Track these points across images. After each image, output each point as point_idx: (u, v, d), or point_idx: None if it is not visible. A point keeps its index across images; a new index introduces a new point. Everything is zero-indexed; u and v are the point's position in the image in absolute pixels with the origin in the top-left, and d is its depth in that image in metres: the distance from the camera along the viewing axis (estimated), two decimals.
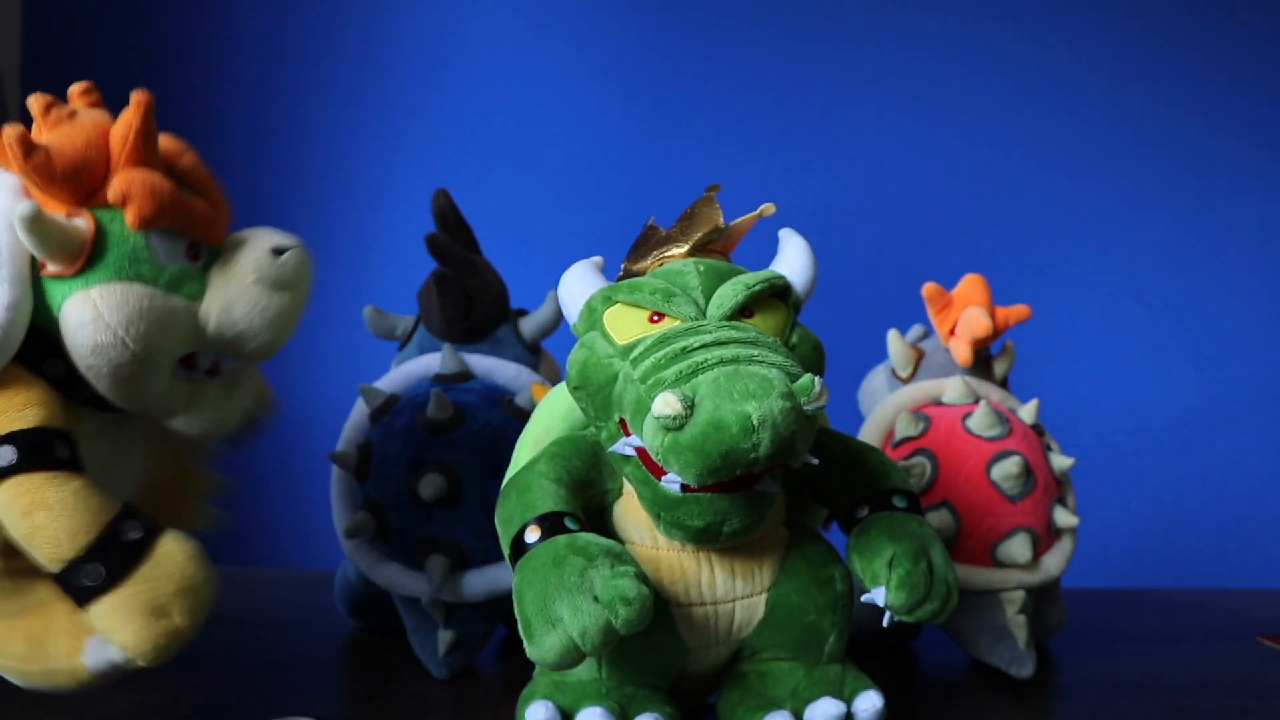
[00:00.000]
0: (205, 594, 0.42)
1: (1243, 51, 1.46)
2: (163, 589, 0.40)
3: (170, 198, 0.44)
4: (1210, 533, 1.45)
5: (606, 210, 1.42)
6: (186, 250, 0.45)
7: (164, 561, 0.41)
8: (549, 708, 0.47)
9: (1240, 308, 1.47)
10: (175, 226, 0.44)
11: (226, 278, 0.45)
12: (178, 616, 0.40)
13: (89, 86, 0.47)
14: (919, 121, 1.46)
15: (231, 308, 0.45)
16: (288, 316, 0.46)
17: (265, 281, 0.45)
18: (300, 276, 0.47)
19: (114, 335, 0.41)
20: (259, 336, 0.45)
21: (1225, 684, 0.66)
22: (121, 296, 0.42)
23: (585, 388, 0.49)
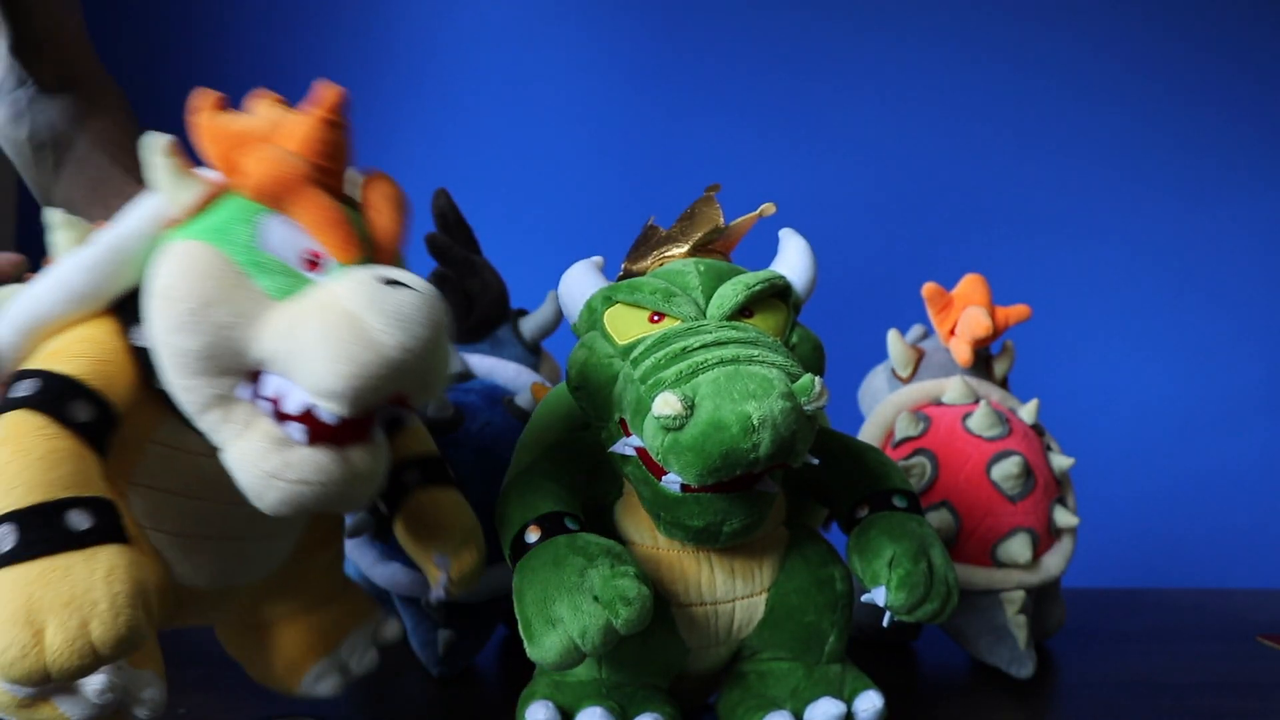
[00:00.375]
0: (103, 630, 0.33)
1: (1244, 52, 1.46)
2: (51, 594, 0.33)
3: (297, 181, 0.39)
4: (1210, 533, 1.45)
5: (607, 210, 1.42)
6: (304, 253, 0.39)
7: (80, 567, 0.33)
8: (549, 708, 0.47)
9: (1240, 308, 1.47)
10: (299, 219, 0.39)
11: (318, 291, 0.38)
12: (50, 634, 0.32)
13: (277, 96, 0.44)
14: (919, 122, 1.46)
15: (302, 322, 0.36)
16: (368, 366, 0.35)
17: (356, 310, 0.36)
18: (411, 330, 0.36)
19: (172, 289, 0.37)
20: (322, 377, 0.36)
21: (1225, 684, 0.66)
22: (192, 253, 0.37)
23: (585, 388, 0.49)
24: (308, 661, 0.51)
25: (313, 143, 0.40)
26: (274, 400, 0.38)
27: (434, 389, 0.40)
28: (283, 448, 0.37)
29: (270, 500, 0.38)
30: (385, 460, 0.42)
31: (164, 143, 0.40)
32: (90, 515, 0.35)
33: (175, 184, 0.40)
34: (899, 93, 1.46)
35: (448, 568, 0.49)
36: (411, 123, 1.44)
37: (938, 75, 1.46)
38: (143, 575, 0.35)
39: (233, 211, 0.39)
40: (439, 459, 0.52)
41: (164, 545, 0.43)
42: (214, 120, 0.41)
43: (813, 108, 1.46)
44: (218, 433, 0.38)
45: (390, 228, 0.42)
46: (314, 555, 0.51)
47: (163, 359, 0.38)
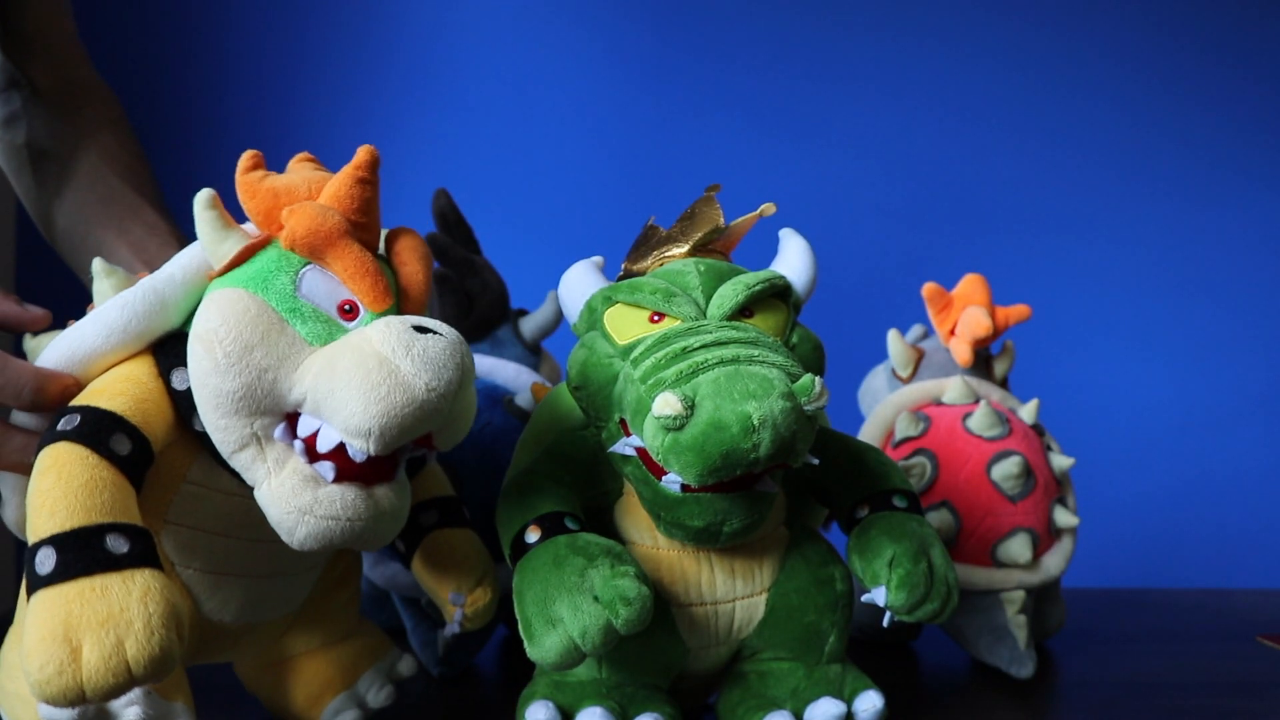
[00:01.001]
0: (138, 649, 0.34)
1: (1245, 51, 1.46)
2: (89, 613, 0.34)
3: (334, 234, 0.41)
4: (1210, 533, 1.45)
5: (607, 210, 1.42)
6: (341, 303, 0.41)
7: (117, 588, 0.35)
8: (549, 708, 0.47)
9: (1240, 308, 1.47)
10: (335, 270, 0.41)
11: (353, 337, 0.40)
12: (87, 652, 0.34)
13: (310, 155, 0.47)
14: (919, 121, 1.46)
15: (337, 364, 0.38)
16: (400, 407, 0.38)
17: (387, 353, 0.38)
18: (440, 373, 0.38)
19: (213, 333, 0.39)
20: (353, 415, 0.37)
21: (1225, 684, 0.66)
22: (234, 300, 0.40)
23: (585, 388, 0.49)
24: (326, 696, 0.53)
25: (348, 199, 0.42)
26: (307, 440, 0.40)
27: (459, 431, 0.43)
28: (313, 485, 0.40)
29: (300, 536, 0.40)
30: (408, 500, 0.44)
31: (206, 197, 0.42)
32: (128, 540, 0.37)
33: (218, 236, 0.42)
34: (899, 93, 1.46)
35: (463, 604, 0.51)
36: (412, 123, 1.44)
37: (938, 75, 1.46)
38: (176, 599, 0.37)
39: (273, 262, 0.41)
40: (456, 500, 0.55)
41: (192, 581, 0.45)
42: (254, 179, 0.43)
43: (813, 108, 1.46)
44: (251, 471, 0.40)
45: (417, 278, 0.44)
46: (333, 593, 0.53)
47: (201, 399, 0.40)
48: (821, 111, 1.46)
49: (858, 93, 1.46)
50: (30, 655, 0.33)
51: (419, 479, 0.54)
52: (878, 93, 1.46)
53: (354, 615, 0.55)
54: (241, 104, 1.40)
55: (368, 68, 1.44)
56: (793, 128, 1.46)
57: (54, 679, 0.33)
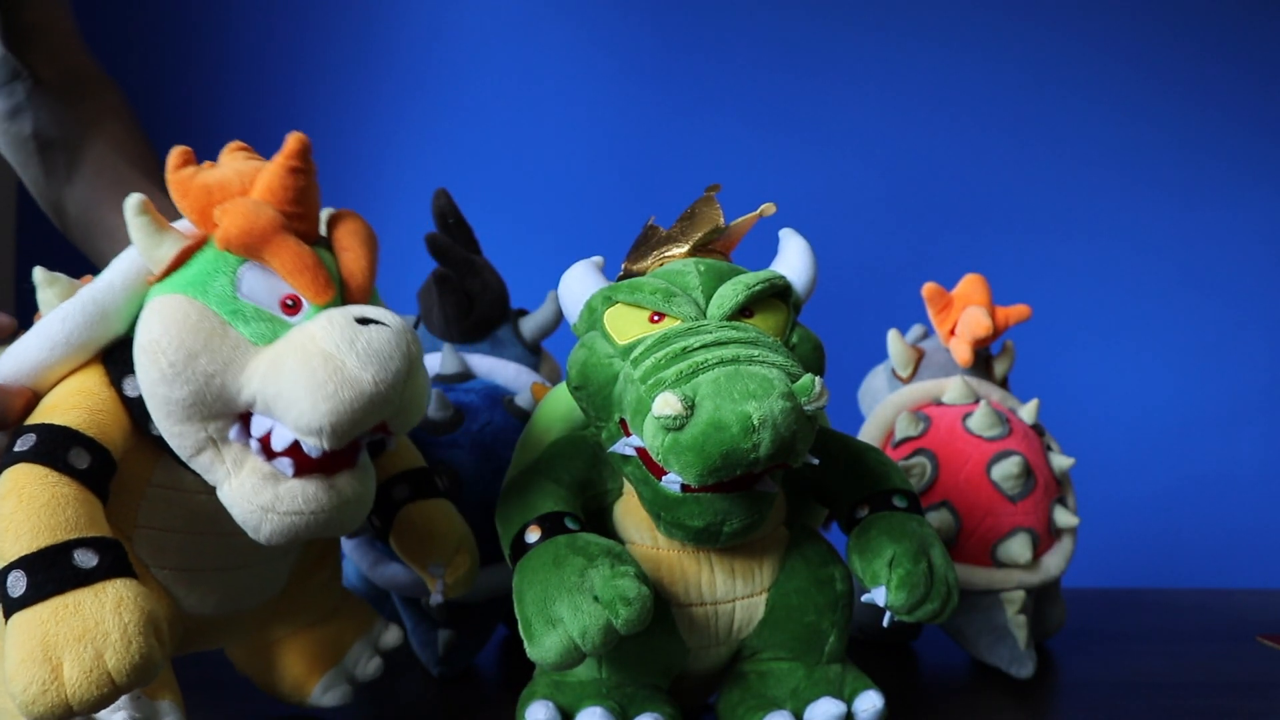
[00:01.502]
0: (117, 659, 0.34)
1: (1245, 50, 1.46)
2: (64, 630, 0.34)
3: (268, 230, 0.40)
4: (1210, 533, 1.45)
5: (607, 210, 1.42)
6: (283, 299, 0.41)
7: (89, 602, 0.35)
8: (549, 708, 0.47)
9: (1240, 307, 1.47)
10: (274, 266, 0.41)
11: (296, 333, 0.40)
12: (68, 668, 0.34)
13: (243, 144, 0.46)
14: (919, 121, 1.46)
15: (282, 365, 0.38)
16: (348, 402, 0.38)
17: (332, 350, 0.38)
18: (386, 364, 0.38)
19: (155, 343, 0.39)
20: (302, 414, 0.38)
21: (1225, 684, 0.66)
22: (174, 307, 0.39)
23: (585, 388, 0.49)
24: (315, 674, 0.53)
25: (280, 191, 0.42)
26: (262, 439, 0.40)
27: (413, 417, 0.43)
28: (273, 482, 0.40)
29: (266, 532, 0.40)
30: (373, 484, 0.44)
31: (136, 202, 0.41)
32: (96, 553, 0.37)
33: (152, 241, 0.41)
34: (899, 93, 1.46)
35: (443, 575, 0.51)
36: (412, 123, 1.44)
37: (938, 75, 1.46)
38: (151, 605, 0.37)
39: (210, 264, 0.41)
40: (426, 471, 0.54)
41: (169, 580, 0.45)
42: (185, 176, 0.42)
43: (813, 108, 1.46)
44: (211, 473, 0.41)
45: (360, 266, 0.44)
46: (311, 575, 0.53)
47: (153, 407, 0.40)
48: (821, 111, 1.46)
49: (858, 93, 1.46)
50: (13, 679, 0.34)
51: (388, 453, 0.53)
52: (878, 93, 1.46)
53: (336, 593, 0.55)
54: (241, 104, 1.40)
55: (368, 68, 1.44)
56: (793, 127, 1.46)
57: (39, 699, 0.34)
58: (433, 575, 0.51)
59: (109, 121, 0.78)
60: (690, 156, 1.45)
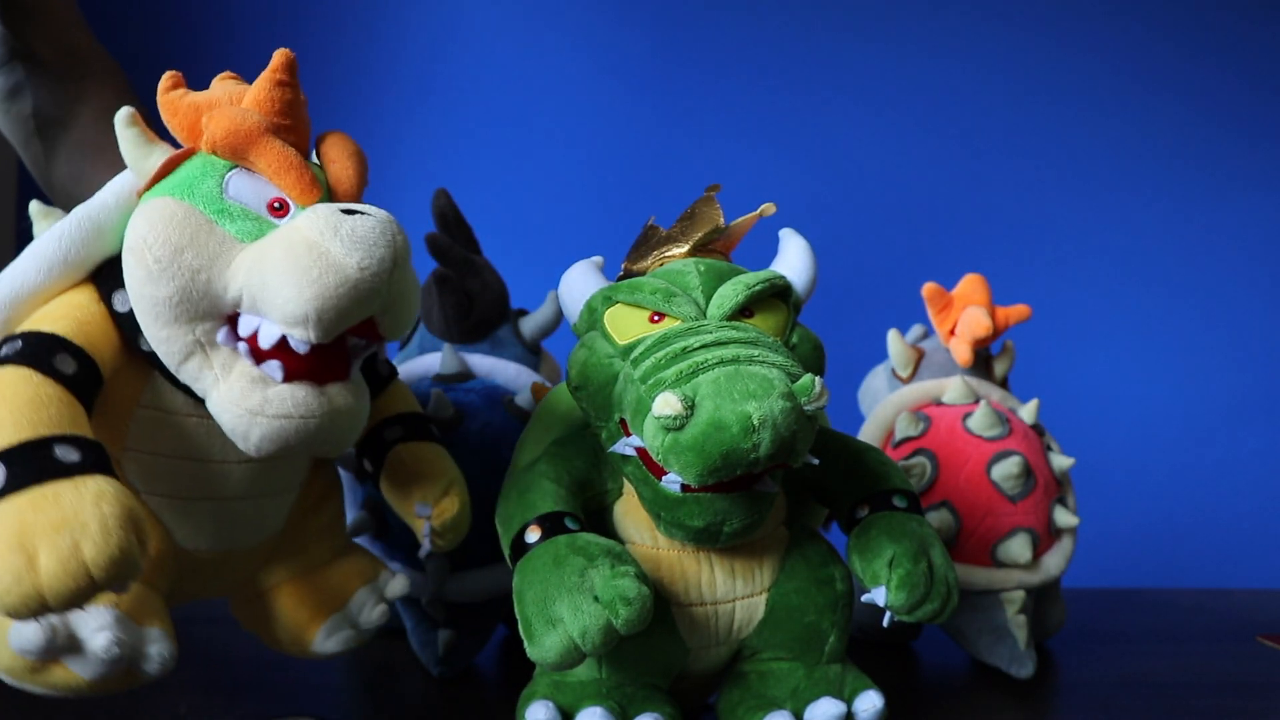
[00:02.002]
0: (95, 550, 0.33)
1: (1244, 51, 1.46)
2: (42, 519, 0.33)
3: (254, 132, 0.41)
4: (1210, 533, 1.45)
5: (606, 210, 1.42)
6: (270, 201, 0.41)
7: (69, 493, 0.34)
8: (549, 708, 0.47)
9: (1241, 307, 1.47)
10: (259, 168, 0.41)
11: (282, 229, 0.39)
12: (43, 558, 0.32)
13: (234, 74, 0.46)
14: (919, 121, 1.46)
15: (267, 255, 0.38)
16: (333, 288, 0.37)
17: (316, 237, 0.38)
18: (371, 250, 0.38)
19: (142, 241, 0.39)
20: (287, 301, 0.37)
21: (1225, 684, 0.66)
22: (160, 207, 0.40)
23: (585, 388, 0.49)
24: (317, 620, 0.52)
25: (268, 102, 0.42)
26: (250, 339, 0.40)
27: (403, 316, 0.42)
28: (262, 385, 0.39)
29: (255, 438, 0.39)
30: (366, 400, 0.44)
31: (126, 114, 0.42)
32: (78, 450, 0.36)
33: (140, 152, 0.42)
34: (898, 93, 1.46)
35: (429, 516, 0.50)
36: (412, 123, 1.44)
37: (938, 76, 1.46)
38: (131, 502, 0.36)
39: (198, 168, 0.41)
40: (422, 416, 0.54)
41: (161, 508, 0.44)
42: (175, 97, 0.43)
43: (813, 108, 1.46)
44: (200, 381, 0.40)
45: (346, 173, 0.44)
46: (312, 516, 0.52)
47: (141, 312, 0.39)
48: (821, 112, 1.46)
49: (857, 93, 1.46)
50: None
51: (384, 396, 0.53)
52: (877, 93, 1.46)
53: (339, 538, 0.54)
54: None
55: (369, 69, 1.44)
56: (792, 128, 1.46)
57: (12, 588, 0.32)
58: (419, 516, 0.50)
59: (109, 100, 0.77)
60: (690, 156, 1.45)
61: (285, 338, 0.39)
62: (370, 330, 0.41)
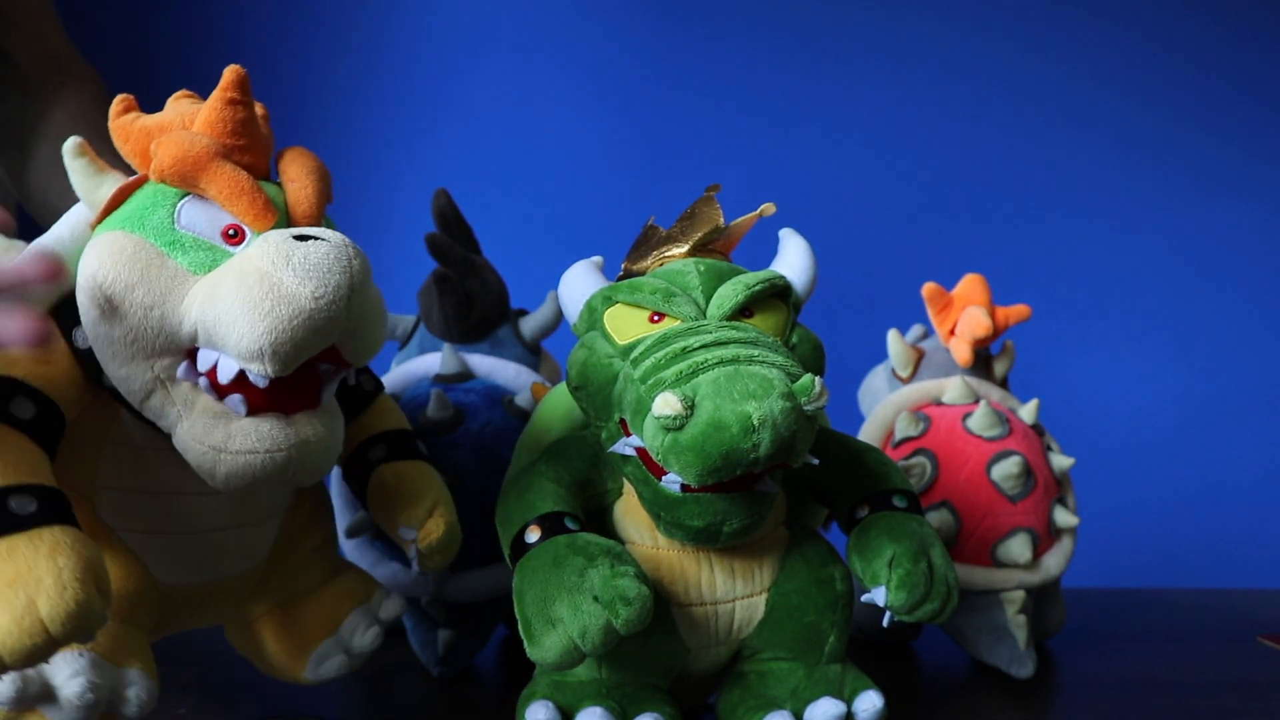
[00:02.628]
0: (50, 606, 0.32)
1: (1240, 56, 1.46)
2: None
3: (203, 157, 0.39)
4: (1210, 533, 1.45)
5: (606, 210, 1.42)
6: (225, 229, 0.39)
7: (23, 547, 0.33)
8: (549, 708, 0.47)
9: (1240, 308, 1.47)
10: (210, 194, 0.40)
11: (235, 259, 0.38)
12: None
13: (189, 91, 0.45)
14: (919, 121, 1.46)
15: (219, 288, 0.37)
16: (287, 319, 0.36)
17: (267, 267, 0.36)
18: (325, 279, 0.37)
19: (93, 279, 0.37)
20: (241, 336, 0.36)
21: (1225, 684, 0.66)
22: (110, 242, 0.38)
23: (585, 388, 0.49)
24: (310, 646, 0.51)
25: (219, 123, 0.41)
26: (209, 374, 0.38)
27: (368, 341, 0.41)
28: (225, 420, 0.38)
29: (221, 475, 0.38)
30: (339, 428, 0.42)
31: (74, 145, 0.40)
32: (34, 499, 0.35)
33: (92, 183, 0.41)
34: (898, 92, 1.46)
35: (414, 539, 0.49)
36: (412, 122, 1.44)
37: (938, 75, 1.46)
38: (90, 553, 0.35)
39: (148, 198, 0.40)
40: (407, 433, 0.53)
41: (137, 545, 0.43)
42: (126, 121, 0.42)
43: (812, 108, 1.46)
44: (163, 418, 0.39)
45: (306, 194, 0.42)
46: (299, 542, 0.51)
47: (99, 350, 0.39)
48: (821, 112, 1.46)
49: (857, 93, 1.46)
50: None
51: (368, 414, 0.51)
52: (877, 92, 1.46)
53: (329, 561, 0.53)
54: None
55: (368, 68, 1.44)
56: (792, 128, 1.46)
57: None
58: (404, 539, 0.49)
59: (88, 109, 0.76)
60: (690, 156, 1.45)
61: (244, 371, 0.38)
62: (333, 356, 0.40)
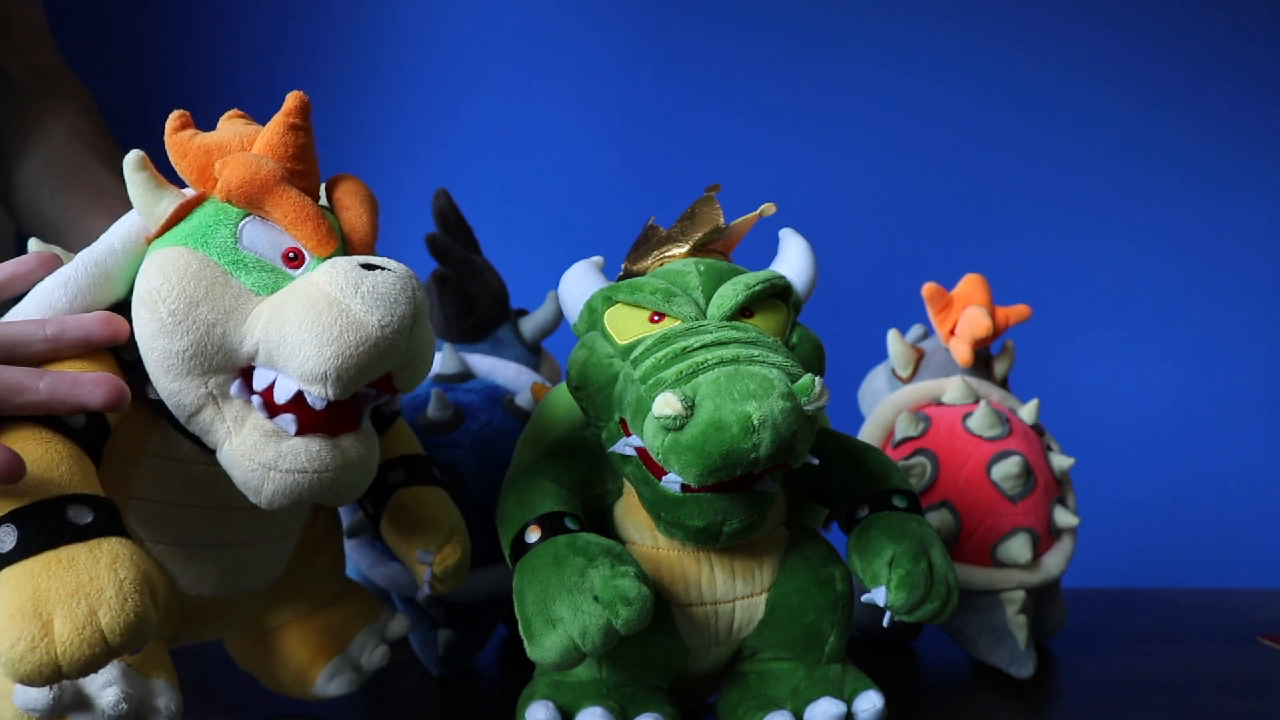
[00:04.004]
0: (111, 617, 0.33)
1: (1240, 56, 1.46)
2: (56, 585, 0.32)
3: (270, 181, 0.40)
4: (1210, 533, 1.45)
5: (606, 210, 1.42)
6: (285, 251, 0.40)
7: (84, 558, 0.33)
8: (549, 708, 0.47)
9: (1240, 308, 1.47)
10: (275, 218, 0.40)
11: (299, 282, 0.39)
12: (59, 625, 0.32)
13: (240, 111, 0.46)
14: (919, 121, 1.46)
15: (286, 311, 0.38)
16: (354, 346, 0.37)
17: (336, 294, 0.37)
18: (391, 308, 0.38)
19: (155, 293, 0.38)
20: (307, 359, 0.37)
21: (1225, 684, 0.66)
22: (173, 258, 0.38)
23: (585, 388, 0.49)
24: (319, 662, 0.52)
25: (281, 147, 0.41)
26: (264, 393, 0.39)
27: (419, 370, 0.42)
28: (276, 440, 0.39)
29: (268, 493, 0.39)
30: (376, 450, 0.43)
31: (136, 158, 0.41)
32: (91, 510, 0.35)
33: (152, 198, 0.41)
34: (898, 92, 1.46)
35: (430, 563, 0.50)
36: (411, 122, 1.44)
37: (938, 75, 1.46)
38: (147, 565, 0.35)
39: (211, 217, 0.40)
40: (425, 458, 0.54)
41: (165, 556, 0.44)
42: (184, 138, 0.42)
43: (812, 108, 1.46)
44: (211, 433, 0.39)
45: (362, 222, 0.43)
46: (313, 559, 0.52)
47: (151, 363, 0.39)
48: (820, 112, 1.46)
49: (857, 92, 1.46)
50: (1, 635, 0.32)
51: (386, 438, 0.52)
52: (878, 93, 1.46)
53: (339, 579, 0.54)
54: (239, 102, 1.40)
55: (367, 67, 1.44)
56: (792, 128, 1.46)
57: (26, 656, 0.32)
58: (420, 562, 0.50)
59: (78, 120, 0.76)
60: (690, 156, 1.45)
61: (301, 393, 0.38)
62: (385, 384, 0.41)
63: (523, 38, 1.45)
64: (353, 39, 1.44)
